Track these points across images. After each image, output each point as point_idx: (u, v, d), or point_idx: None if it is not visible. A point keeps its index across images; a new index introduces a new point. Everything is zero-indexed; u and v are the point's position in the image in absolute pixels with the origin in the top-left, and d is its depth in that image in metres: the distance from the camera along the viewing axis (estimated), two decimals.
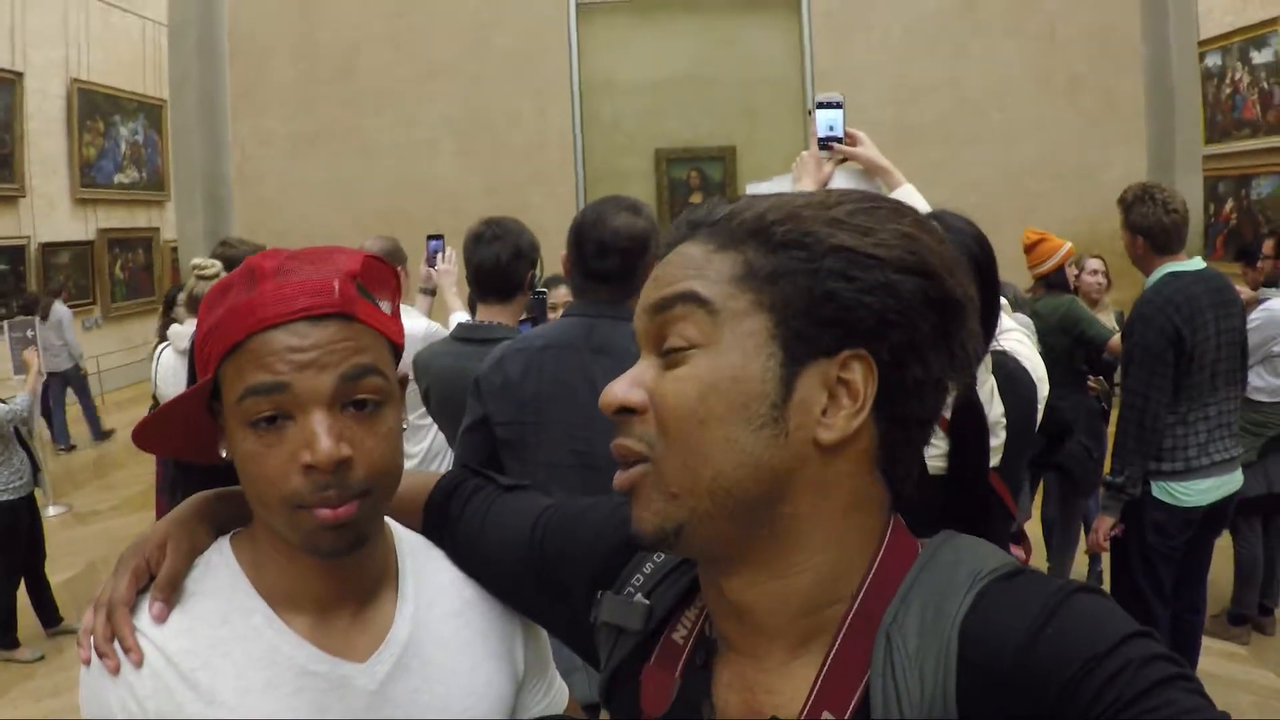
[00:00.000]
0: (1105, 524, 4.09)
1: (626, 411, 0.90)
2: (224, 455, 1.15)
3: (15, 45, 13.69)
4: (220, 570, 1.19)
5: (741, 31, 7.22)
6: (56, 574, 6.89)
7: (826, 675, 0.88)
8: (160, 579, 1.16)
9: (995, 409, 2.47)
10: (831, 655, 0.88)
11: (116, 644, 1.12)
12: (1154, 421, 3.93)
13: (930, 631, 0.83)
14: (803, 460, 0.87)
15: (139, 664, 1.11)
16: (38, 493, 6.71)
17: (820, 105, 2.95)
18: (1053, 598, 0.82)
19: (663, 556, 1.09)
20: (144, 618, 1.14)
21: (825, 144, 2.90)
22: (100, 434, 12.64)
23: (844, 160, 2.93)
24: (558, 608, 1.23)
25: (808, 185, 2.89)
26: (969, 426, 2.45)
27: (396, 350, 1.19)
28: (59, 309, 12.59)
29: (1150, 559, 4.06)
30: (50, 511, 9.04)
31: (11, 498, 6.20)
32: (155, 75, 15.86)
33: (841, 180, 2.95)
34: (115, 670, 1.11)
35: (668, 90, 7.17)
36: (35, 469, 6.57)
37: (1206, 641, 4.70)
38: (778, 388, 0.86)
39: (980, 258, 2.35)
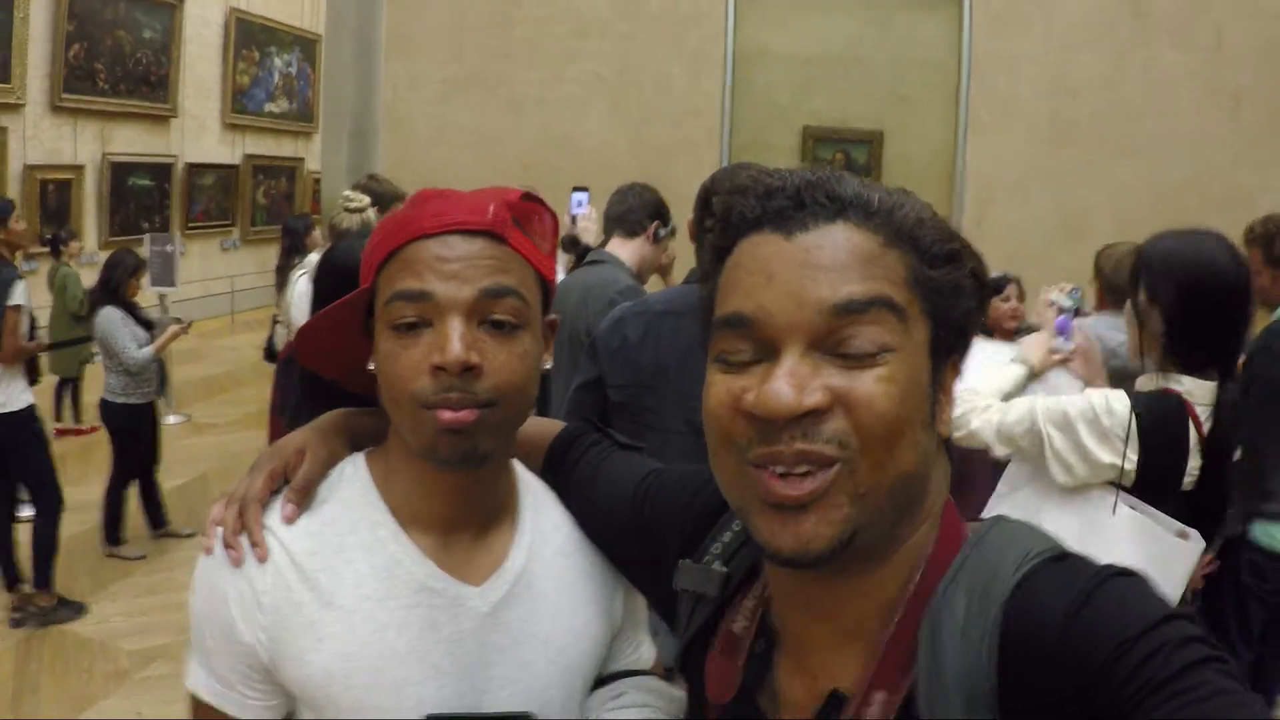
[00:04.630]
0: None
1: (808, 414, 0.84)
2: (372, 367, 1.19)
3: None
4: (353, 482, 1.25)
5: (900, 14, 7.04)
6: (169, 480, 7.23)
7: (882, 657, 0.89)
8: (295, 483, 1.21)
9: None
10: (888, 637, 0.89)
11: (244, 538, 1.17)
12: (1262, 459, 3.77)
13: (977, 608, 0.85)
14: (935, 455, 0.93)
15: (263, 560, 1.16)
16: (160, 401, 7.04)
17: (1061, 310, 3.07)
18: (1092, 580, 0.83)
19: (741, 524, 1.08)
20: (274, 517, 1.19)
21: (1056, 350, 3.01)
22: None
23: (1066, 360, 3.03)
24: (649, 568, 1.25)
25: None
26: (1226, 430, 2.52)
27: (546, 287, 1.23)
28: None
29: (1244, 598, 3.86)
30: (170, 420, 9.38)
31: (138, 401, 6.54)
32: (313, 10, 16.21)
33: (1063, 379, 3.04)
34: (238, 563, 1.16)
35: (821, 67, 7.01)
36: (162, 381, 6.84)
37: None
38: (933, 389, 0.90)
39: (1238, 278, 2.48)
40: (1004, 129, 6.95)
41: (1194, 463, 2.45)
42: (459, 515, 1.23)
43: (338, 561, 1.18)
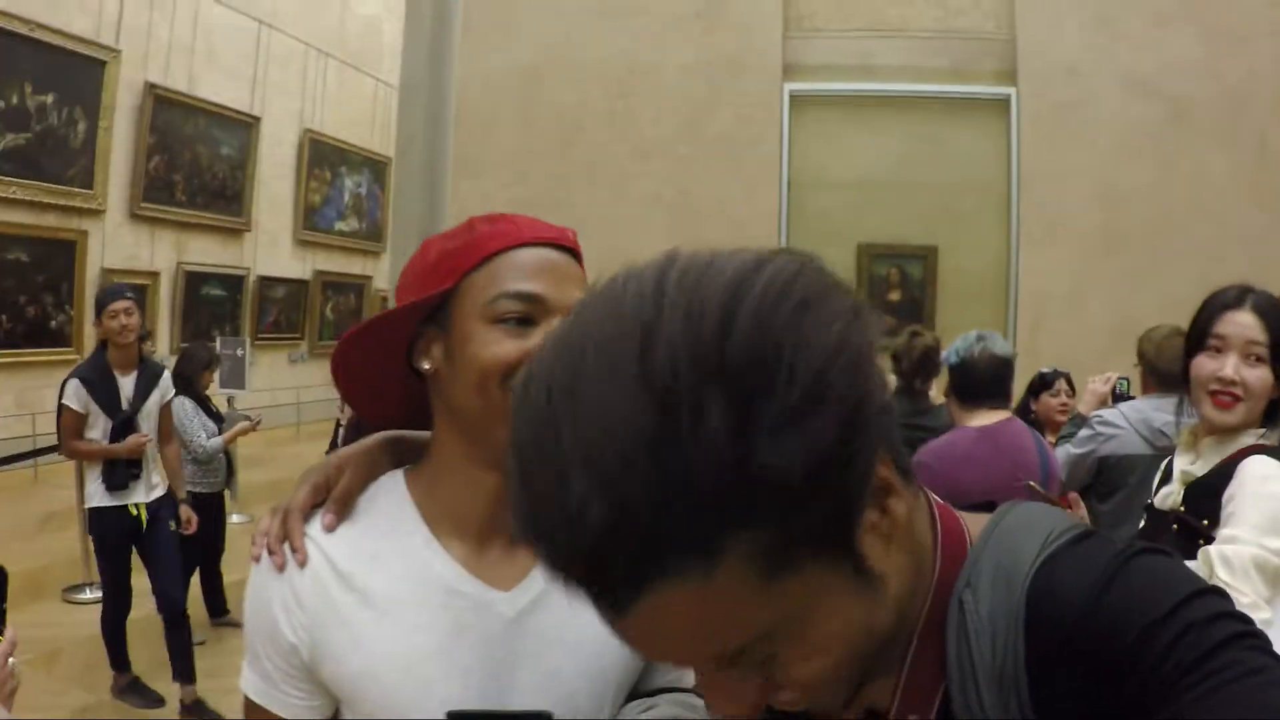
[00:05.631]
0: None
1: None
2: (427, 366, 1.27)
3: (256, 92, 14.56)
4: (391, 494, 1.32)
5: (949, 131, 7.22)
6: (229, 573, 7.29)
7: (908, 673, 0.85)
8: (334, 494, 1.30)
9: None
10: (911, 652, 0.85)
11: (287, 545, 1.26)
12: None
13: (1001, 595, 0.81)
14: (894, 568, 0.80)
15: (303, 564, 1.25)
16: (227, 495, 7.27)
17: None
18: (1115, 560, 0.79)
19: None
20: (315, 526, 1.28)
21: None
22: None
23: None
24: None
25: None
26: None
27: None
28: None
29: None
30: (235, 519, 9.53)
31: (204, 491, 6.73)
32: (382, 134, 16.64)
33: None
34: (281, 568, 1.25)
35: (873, 186, 7.17)
36: (230, 474, 7.06)
37: None
38: (857, 573, 0.75)
39: None
40: (1054, 240, 7.04)
41: None
42: (498, 518, 1.27)
43: (373, 566, 1.25)
